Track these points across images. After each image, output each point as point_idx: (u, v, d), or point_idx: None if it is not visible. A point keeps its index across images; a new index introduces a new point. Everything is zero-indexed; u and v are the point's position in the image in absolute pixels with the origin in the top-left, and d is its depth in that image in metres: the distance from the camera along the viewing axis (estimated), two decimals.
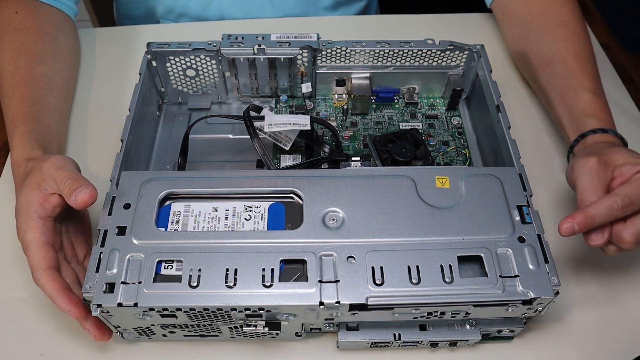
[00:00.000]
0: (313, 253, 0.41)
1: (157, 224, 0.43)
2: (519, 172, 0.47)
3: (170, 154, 0.58)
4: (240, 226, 0.44)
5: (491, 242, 0.42)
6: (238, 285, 0.40)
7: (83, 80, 0.67)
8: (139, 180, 0.45)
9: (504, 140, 0.50)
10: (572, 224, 0.42)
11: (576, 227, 0.42)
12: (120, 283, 0.40)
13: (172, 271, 0.41)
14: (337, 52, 0.58)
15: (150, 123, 0.59)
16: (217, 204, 0.45)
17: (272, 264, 0.41)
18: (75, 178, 0.44)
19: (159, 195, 0.44)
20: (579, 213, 0.42)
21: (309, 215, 0.43)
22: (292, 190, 0.45)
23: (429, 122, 0.61)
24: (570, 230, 0.42)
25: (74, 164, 0.47)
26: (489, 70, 0.56)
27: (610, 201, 0.42)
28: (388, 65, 0.60)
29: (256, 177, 0.46)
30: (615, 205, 0.42)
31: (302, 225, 0.43)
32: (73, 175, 0.44)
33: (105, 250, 0.41)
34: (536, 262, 0.41)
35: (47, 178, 0.45)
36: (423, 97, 0.63)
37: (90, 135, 0.62)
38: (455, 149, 0.59)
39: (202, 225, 0.44)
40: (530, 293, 0.40)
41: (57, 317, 0.48)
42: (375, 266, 0.41)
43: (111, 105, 0.64)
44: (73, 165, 0.47)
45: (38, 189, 0.45)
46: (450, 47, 0.58)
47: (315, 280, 0.40)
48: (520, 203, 0.44)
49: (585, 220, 0.42)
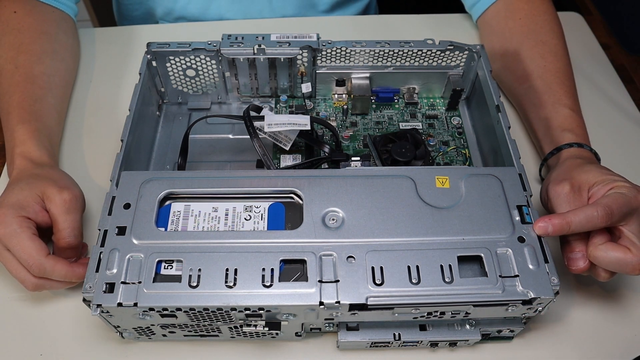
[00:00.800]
0: (313, 253, 0.41)
1: (157, 224, 0.43)
2: (518, 172, 0.47)
3: (170, 154, 0.58)
4: (240, 226, 0.44)
5: (491, 242, 0.42)
6: (238, 285, 0.40)
7: (83, 80, 0.67)
8: (139, 180, 0.45)
9: (504, 140, 0.50)
10: (547, 225, 0.42)
11: (550, 228, 0.42)
12: (120, 283, 0.40)
13: (172, 271, 0.41)
14: (337, 52, 0.58)
15: (150, 123, 0.59)
16: (217, 204, 0.45)
17: (272, 264, 0.41)
18: (75, 247, 0.47)
19: (159, 196, 0.44)
20: (557, 216, 0.43)
21: (309, 215, 0.43)
22: (292, 190, 0.45)
23: (429, 122, 0.61)
24: (544, 230, 0.42)
25: (83, 203, 0.50)
26: (489, 70, 0.56)
27: (590, 210, 0.42)
28: (388, 65, 0.60)
29: (256, 177, 0.46)
30: (595, 214, 0.42)
31: (302, 225, 0.43)
32: (76, 234, 0.47)
33: (105, 250, 0.41)
34: (536, 262, 0.41)
35: (54, 203, 0.47)
36: (423, 97, 0.63)
37: (90, 135, 0.62)
38: (455, 149, 0.59)
39: (202, 225, 0.44)
40: (530, 293, 0.40)
41: (57, 317, 0.48)
42: (375, 266, 0.41)
43: (111, 105, 0.64)
44: (81, 207, 0.49)
45: (37, 201, 0.46)
46: (450, 47, 0.58)
47: (315, 280, 0.40)
48: (520, 203, 0.44)
49: (560, 224, 0.42)
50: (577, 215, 0.42)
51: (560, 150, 0.53)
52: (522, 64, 0.61)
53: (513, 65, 0.62)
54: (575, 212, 0.43)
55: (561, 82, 0.59)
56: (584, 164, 0.49)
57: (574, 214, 0.43)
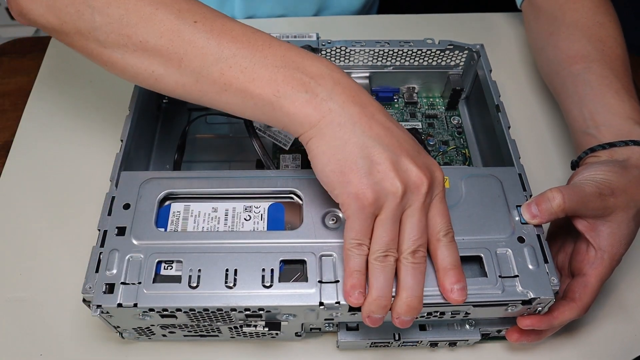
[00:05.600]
0: (313, 253, 0.41)
1: (157, 224, 0.43)
2: (518, 172, 0.47)
3: (170, 153, 0.58)
4: (240, 226, 0.44)
5: (491, 242, 0.42)
6: (238, 286, 0.40)
7: (82, 80, 0.67)
8: (139, 181, 0.45)
9: (504, 140, 0.50)
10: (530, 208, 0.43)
11: (534, 208, 0.43)
12: (120, 284, 0.39)
13: (172, 271, 0.41)
14: (337, 51, 0.58)
15: (150, 122, 0.59)
16: (216, 204, 0.45)
17: (272, 265, 0.41)
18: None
19: (158, 196, 0.44)
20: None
21: (309, 216, 0.43)
22: (291, 191, 0.45)
23: (428, 122, 0.61)
24: (529, 212, 0.43)
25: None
26: (489, 69, 0.56)
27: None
28: (388, 65, 0.60)
29: (256, 177, 0.46)
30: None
31: (302, 225, 0.43)
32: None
33: (104, 251, 0.41)
34: (536, 262, 0.41)
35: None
36: (423, 96, 0.63)
37: (90, 135, 0.61)
38: (455, 149, 0.59)
39: (201, 225, 0.44)
40: (529, 293, 0.40)
41: (57, 317, 0.48)
42: None
43: (111, 105, 0.64)
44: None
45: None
46: (449, 46, 0.58)
47: (315, 280, 0.40)
48: (520, 203, 0.44)
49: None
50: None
51: (626, 145, 0.46)
52: (578, 44, 0.55)
53: (565, 45, 0.56)
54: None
55: (625, 70, 0.53)
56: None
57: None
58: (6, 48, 0.74)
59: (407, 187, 0.37)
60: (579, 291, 0.43)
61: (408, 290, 0.38)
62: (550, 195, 0.42)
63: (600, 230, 0.43)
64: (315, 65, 0.39)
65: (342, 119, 0.37)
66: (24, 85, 0.67)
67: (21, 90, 0.67)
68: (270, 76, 0.38)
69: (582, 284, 0.43)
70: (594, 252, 0.43)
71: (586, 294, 0.43)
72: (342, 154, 0.37)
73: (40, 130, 0.62)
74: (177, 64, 0.39)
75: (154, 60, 0.40)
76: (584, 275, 0.43)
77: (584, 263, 0.44)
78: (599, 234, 0.43)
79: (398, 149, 0.38)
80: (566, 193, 0.42)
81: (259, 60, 0.38)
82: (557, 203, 0.42)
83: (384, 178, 0.37)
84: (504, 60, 0.71)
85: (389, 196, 0.37)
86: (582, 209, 0.42)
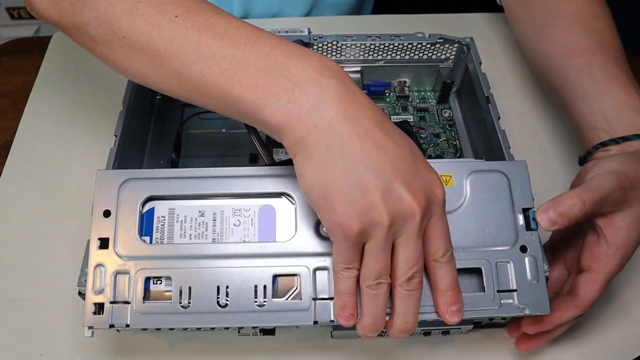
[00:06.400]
0: (306, 267, 0.40)
1: (141, 233, 0.41)
2: (508, 159, 0.46)
3: (165, 149, 0.58)
4: (230, 233, 0.41)
5: (492, 253, 0.41)
6: (230, 305, 0.39)
7: (82, 80, 0.67)
8: (117, 181, 0.41)
9: (494, 130, 0.51)
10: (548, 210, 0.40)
11: (552, 213, 0.40)
12: (110, 303, 0.38)
13: (161, 286, 0.40)
14: (328, 46, 0.58)
15: (144, 118, 0.59)
16: (203, 206, 0.42)
17: (265, 281, 0.39)
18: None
19: (140, 200, 0.41)
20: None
21: (302, 222, 0.41)
22: (283, 192, 0.42)
23: (420, 115, 0.62)
24: (547, 218, 0.40)
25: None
26: (479, 62, 0.56)
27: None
28: (379, 59, 0.60)
29: (244, 176, 0.43)
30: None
31: (295, 235, 0.41)
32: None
33: (89, 267, 0.39)
34: (536, 274, 0.40)
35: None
36: (414, 90, 0.64)
37: (90, 135, 0.62)
38: (446, 141, 0.59)
39: (188, 232, 0.41)
40: (526, 310, 0.39)
41: (57, 317, 0.49)
42: None
43: (111, 105, 0.64)
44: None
45: None
46: (440, 40, 0.58)
47: (309, 297, 0.39)
48: (527, 206, 0.42)
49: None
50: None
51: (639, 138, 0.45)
52: (576, 36, 0.53)
53: (562, 37, 0.54)
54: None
55: (625, 61, 0.51)
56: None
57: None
58: (6, 48, 0.74)
59: (397, 218, 0.34)
60: (585, 287, 0.42)
61: (402, 317, 0.37)
62: (571, 201, 0.39)
63: (617, 226, 0.41)
64: (301, 68, 0.35)
65: (330, 140, 0.34)
66: (24, 85, 0.67)
67: (21, 90, 0.67)
68: (250, 80, 0.35)
69: (589, 281, 0.42)
70: (605, 248, 0.41)
71: (592, 291, 0.42)
72: (328, 178, 0.34)
73: (40, 130, 0.62)
74: (159, 63, 0.37)
75: (139, 58, 0.38)
76: (592, 272, 0.42)
77: (593, 259, 0.42)
78: (616, 230, 0.41)
79: (391, 174, 0.34)
80: (585, 197, 0.39)
81: (240, 61, 0.35)
82: (579, 209, 0.39)
83: (371, 208, 0.34)
84: (497, 57, 0.71)
85: (375, 227, 0.34)
86: (602, 206, 0.41)
